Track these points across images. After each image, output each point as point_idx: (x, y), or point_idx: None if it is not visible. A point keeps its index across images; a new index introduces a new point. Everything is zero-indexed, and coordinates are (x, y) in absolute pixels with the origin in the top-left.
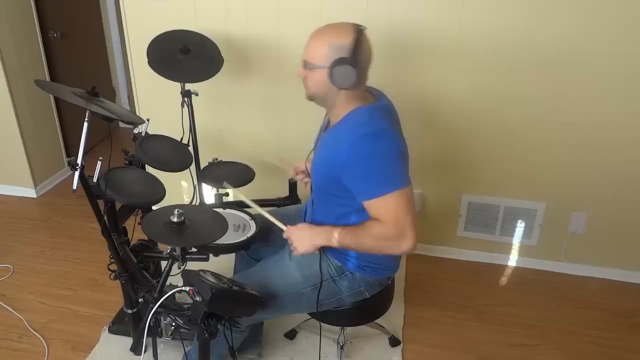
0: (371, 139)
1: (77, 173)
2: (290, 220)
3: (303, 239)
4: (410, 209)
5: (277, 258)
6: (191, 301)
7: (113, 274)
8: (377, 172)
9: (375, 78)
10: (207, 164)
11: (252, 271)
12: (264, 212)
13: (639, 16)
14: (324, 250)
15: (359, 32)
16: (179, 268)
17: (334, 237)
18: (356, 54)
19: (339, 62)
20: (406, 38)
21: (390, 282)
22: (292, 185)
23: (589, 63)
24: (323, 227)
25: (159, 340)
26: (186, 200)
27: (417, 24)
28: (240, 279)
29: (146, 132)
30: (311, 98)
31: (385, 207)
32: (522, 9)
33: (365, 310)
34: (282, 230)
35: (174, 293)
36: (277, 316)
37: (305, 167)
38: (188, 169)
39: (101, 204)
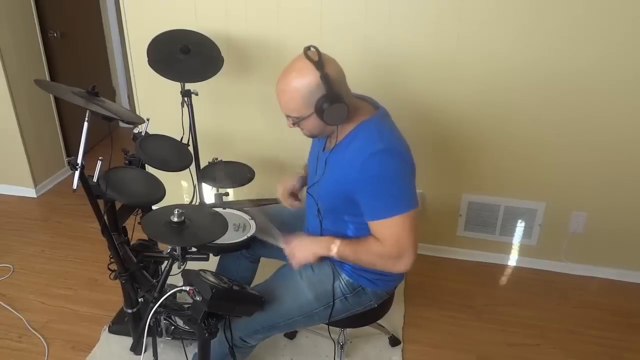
0: (382, 157)
1: (77, 173)
2: (291, 226)
3: (303, 249)
4: (412, 232)
5: (286, 277)
6: (191, 301)
7: (113, 273)
8: (385, 194)
9: (374, 83)
10: (207, 163)
11: (261, 289)
12: (260, 235)
13: (638, 17)
14: (335, 267)
15: (319, 61)
16: (179, 268)
17: (334, 248)
18: (332, 87)
19: (323, 102)
20: (406, 41)
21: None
22: None
23: (588, 67)
24: (323, 238)
25: (159, 340)
26: (186, 200)
27: (416, 29)
28: None
29: (146, 131)
30: (314, 136)
31: (388, 229)
32: (522, 18)
33: (367, 312)
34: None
35: (174, 293)
36: (287, 331)
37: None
38: (188, 169)
39: (101, 203)
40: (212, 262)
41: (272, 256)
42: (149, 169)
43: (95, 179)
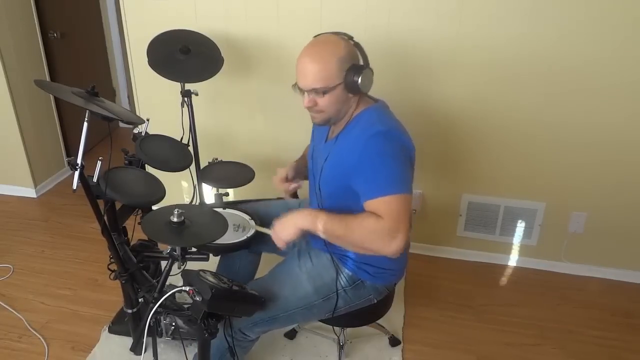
0: (383, 138)
1: (77, 173)
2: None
3: (286, 224)
4: (407, 215)
5: (286, 269)
6: (191, 301)
7: (113, 273)
8: (384, 172)
9: (375, 82)
10: (207, 163)
11: (261, 282)
12: (253, 227)
13: (638, 20)
14: (337, 261)
15: (345, 34)
16: (179, 268)
17: (320, 220)
18: (365, 56)
19: (356, 70)
20: (405, 40)
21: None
22: None
23: (589, 66)
24: (309, 210)
25: (159, 340)
26: (186, 200)
27: (416, 28)
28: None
29: (146, 132)
30: (326, 122)
31: (385, 206)
32: (522, 16)
33: (367, 311)
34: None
35: (174, 293)
36: (287, 326)
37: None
38: (188, 169)
39: (101, 203)
40: (212, 262)
41: (273, 252)
42: (149, 169)
43: (95, 179)
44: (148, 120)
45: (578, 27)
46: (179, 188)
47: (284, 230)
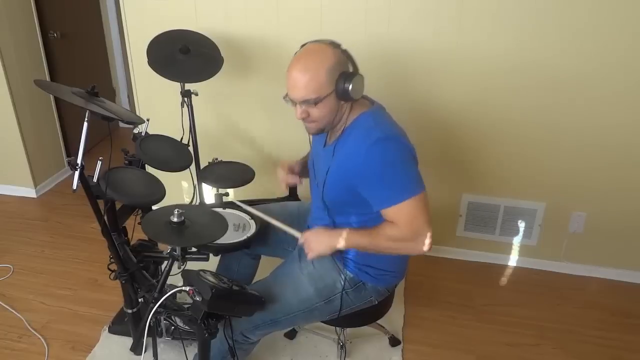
0: (383, 144)
1: (77, 173)
2: (294, 222)
3: (320, 241)
4: (425, 213)
5: (287, 272)
6: (191, 301)
7: (113, 273)
8: (392, 180)
9: (375, 82)
10: (207, 164)
11: (262, 284)
12: (276, 222)
13: (637, 28)
14: (338, 263)
15: (333, 42)
16: (179, 268)
17: (342, 237)
18: (354, 62)
19: (346, 78)
20: (406, 42)
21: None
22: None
23: (590, 71)
24: (334, 230)
25: (159, 340)
26: (186, 200)
27: (417, 28)
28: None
29: (146, 132)
30: (321, 130)
31: (400, 213)
32: (523, 17)
33: (367, 311)
34: (296, 238)
35: (174, 293)
36: (289, 328)
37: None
38: (188, 169)
39: (101, 204)
40: (212, 262)
41: (272, 254)
42: (149, 169)
43: (95, 179)
44: (148, 120)
45: (577, 35)
46: (179, 188)
47: (318, 247)
